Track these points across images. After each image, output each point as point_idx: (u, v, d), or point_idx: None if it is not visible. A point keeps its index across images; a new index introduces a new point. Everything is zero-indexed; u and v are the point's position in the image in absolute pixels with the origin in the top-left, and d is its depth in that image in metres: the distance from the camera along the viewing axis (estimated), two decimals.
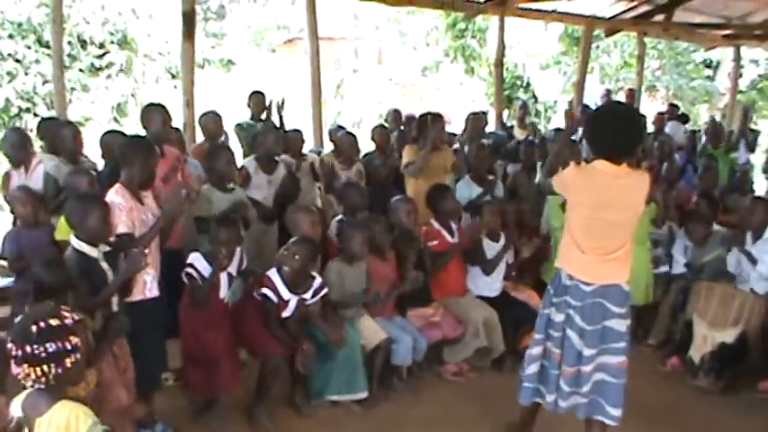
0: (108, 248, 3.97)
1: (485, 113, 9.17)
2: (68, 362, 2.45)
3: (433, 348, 5.58)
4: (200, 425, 4.72)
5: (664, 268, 6.66)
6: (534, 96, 21.10)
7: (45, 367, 2.42)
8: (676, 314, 6.13)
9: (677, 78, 21.99)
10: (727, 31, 13.39)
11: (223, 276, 4.65)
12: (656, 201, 6.60)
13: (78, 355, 2.49)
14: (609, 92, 12.37)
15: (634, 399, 5.21)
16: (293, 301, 4.84)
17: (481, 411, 5.09)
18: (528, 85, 21.55)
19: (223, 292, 4.70)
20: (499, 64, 11.34)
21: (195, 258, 4.56)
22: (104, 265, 3.88)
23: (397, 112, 9.02)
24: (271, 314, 4.77)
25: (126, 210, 4.15)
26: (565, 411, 4.17)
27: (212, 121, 7.14)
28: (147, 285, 4.29)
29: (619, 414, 4.07)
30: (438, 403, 5.27)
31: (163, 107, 5.38)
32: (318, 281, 4.94)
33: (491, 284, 5.98)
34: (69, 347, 2.45)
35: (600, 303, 3.93)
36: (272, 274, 4.83)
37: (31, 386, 2.46)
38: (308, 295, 4.89)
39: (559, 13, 11.86)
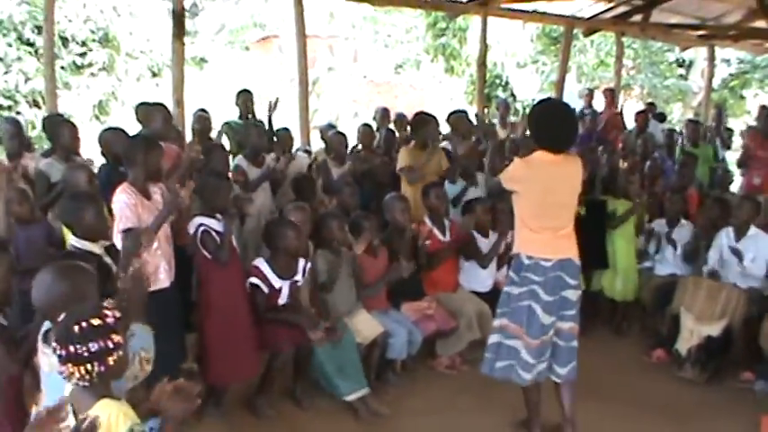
0: (107, 243, 4.01)
1: (464, 112, 9.23)
2: (111, 360, 2.47)
3: (427, 342, 5.65)
4: (202, 418, 4.76)
5: (647, 263, 6.81)
6: (513, 95, 21.24)
7: (88, 366, 2.43)
8: (662, 308, 6.25)
9: (652, 77, 22.24)
10: (702, 32, 13.60)
11: None
12: (640, 200, 6.74)
13: (121, 352, 2.50)
14: (591, 91, 12.48)
15: (620, 389, 5.44)
16: (285, 287, 4.92)
17: (477, 402, 5.19)
18: (506, 83, 21.71)
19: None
20: (482, 63, 11.45)
21: (201, 219, 4.66)
22: (107, 259, 3.92)
23: (385, 111, 9.03)
24: (260, 305, 4.86)
25: (131, 206, 4.22)
26: (527, 383, 4.47)
27: (202, 120, 7.18)
28: (160, 276, 4.39)
29: (565, 372, 4.47)
30: (433, 395, 5.36)
31: (163, 106, 5.44)
32: (303, 261, 5.03)
33: (483, 280, 6.08)
34: (111, 346, 2.46)
35: (559, 276, 4.31)
36: (260, 262, 4.92)
37: (76, 384, 2.48)
38: (298, 277, 4.99)
39: (540, 13, 11.99)
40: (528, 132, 4.60)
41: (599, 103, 12.31)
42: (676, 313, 5.97)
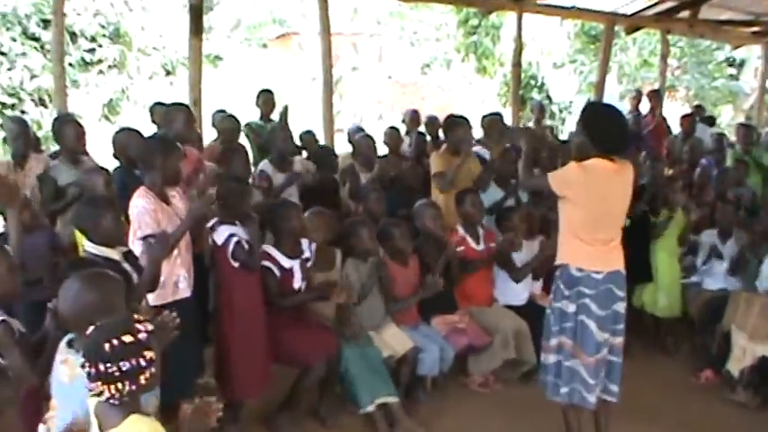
0: (125, 249, 4.05)
1: (499, 115, 9.24)
2: (143, 378, 2.48)
3: (459, 358, 5.67)
4: None
5: (695, 278, 6.79)
6: (548, 97, 21.21)
7: (119, 385, 2.43)
8: (712, 325, 6.21)
9: (699, 78, 22.10)
10: (755, 28, 13.51)
11: None
12: (685, 209, 6.71)
13: (153, 369, 2.52)
14: (638, 93, 12.35)
15: (666, 412, 5.44)
16: (296, 267, 5.01)
17: (509, 424, 5.21)
18: (542, 84, 21.68)
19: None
20: (517, 63, 11.46)
21: (228, 228, 4.72)
22: (126, 266, 3.94)
23: (415, 113, 9.06)
24: (272, 289, 4.92)
25: (150, 211, 4.28)
26: (593, 406, 4.42)
27: (225, 121, 7.24)
28: (179, 286, 4.46)
29: (617, 389, 4.49)
30: (465, 415, 5.39)
31: (186, 107, 5.51)
32: (306, 241, 5.14)
33: (518, 293, 6.10)
34: (144, 364, 2.48)
35: (610, 289, 4.31)
36: (267, 247, 5.01)
37: (105, 401, 2.50)
38: (306, 255, 5.10)
39: (579, 9, 12.00)
40: (577, 137, 4.54)
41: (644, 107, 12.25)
42: (727, 331, 5.93)
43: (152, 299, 4.20)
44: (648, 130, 10.87)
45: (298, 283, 5.03)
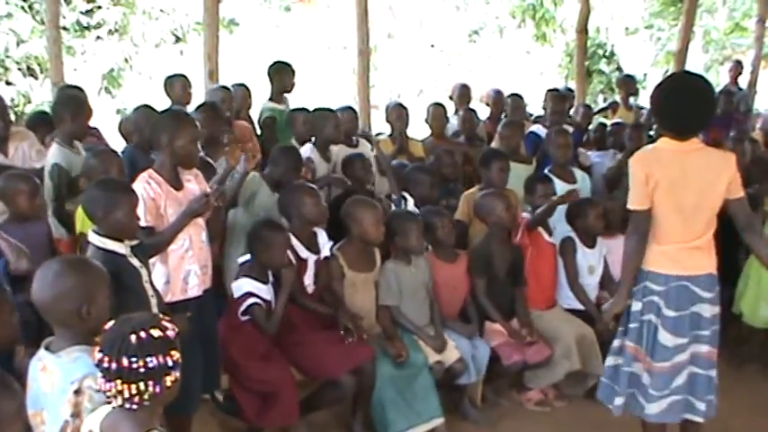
0: (134, 242, 4.07)
1: (570, 91, 9.27)
2: (168, 380, 2.52)
3: (513, 371, 5.68)
4: None
5: None
6: (619, 68, 21.01)
7: (141, 385, 2.46)
8: None
9: None
10: None
11: None
12: None
13: (178, 373, 2.56)
14: (739, 64, 12.17)
15: None
16: (311, 261, 5.17)
17: None
18: (612, 54, 21.49)
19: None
20: (582, 30, 11.45)
21: (249, 284, 4.86)
22: (134, 261, 3.99)
23: (464, 88, 9.05)
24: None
25: (147, 200, 4.32)
26: (656, 419, 4.38)
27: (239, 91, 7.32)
28: (189, 283, 4.51)
29: (704, 408, 4.37)
30: None
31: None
32: (323, 235, 5.31)
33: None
34: (171, 363, 2.51)
35: (685, 287, 4.24)
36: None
37: (120, 405, 2.51)
38: (324, 253, 5.26)
39: None
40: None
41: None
42: None
43: None
44: None
45: (308, 279, 5.16)
